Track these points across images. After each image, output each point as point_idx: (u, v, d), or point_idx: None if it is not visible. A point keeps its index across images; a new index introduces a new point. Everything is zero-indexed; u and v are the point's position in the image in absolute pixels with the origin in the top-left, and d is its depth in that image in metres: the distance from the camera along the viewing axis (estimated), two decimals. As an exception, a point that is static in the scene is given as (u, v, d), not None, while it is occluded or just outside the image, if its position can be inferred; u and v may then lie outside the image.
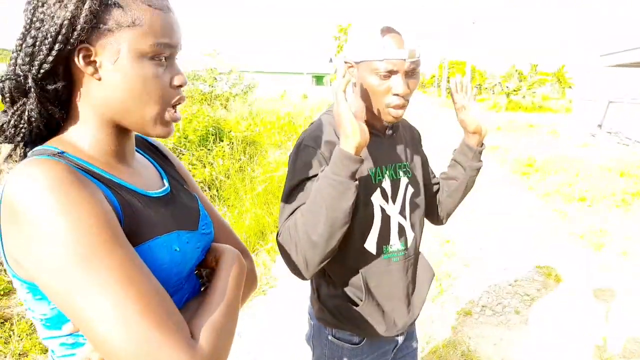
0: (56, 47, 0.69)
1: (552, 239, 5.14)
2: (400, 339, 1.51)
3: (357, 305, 1.36)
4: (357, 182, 1.10)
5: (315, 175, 1.22)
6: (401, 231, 1.39)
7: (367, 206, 1.31)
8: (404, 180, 1.40)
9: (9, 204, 0.62)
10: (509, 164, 9.58)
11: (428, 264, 1.54)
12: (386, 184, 1.36)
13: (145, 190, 0.80)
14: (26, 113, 0.74)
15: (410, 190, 1.42)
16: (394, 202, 1.37)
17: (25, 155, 0.76)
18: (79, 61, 0.71)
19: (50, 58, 0.69)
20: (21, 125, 0.74)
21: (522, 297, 3.78)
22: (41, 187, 0.61)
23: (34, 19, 0.69)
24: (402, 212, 1.39)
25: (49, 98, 0.74)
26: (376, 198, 1.33)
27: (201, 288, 0.90)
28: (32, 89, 0.71)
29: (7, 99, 0.73)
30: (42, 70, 0.70)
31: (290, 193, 1.24)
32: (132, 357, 0.59)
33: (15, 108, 0.74)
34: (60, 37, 0.68)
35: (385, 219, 1.35)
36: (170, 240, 0.76)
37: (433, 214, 1.65)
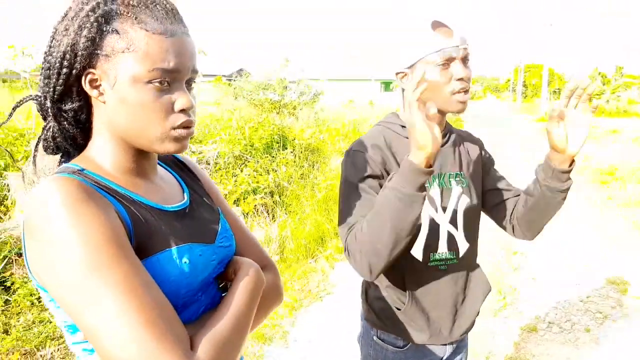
0: (63, 71, 0.74)
1: (630, 253, 4.77)
2: (449, 349, 1.47)
3: (400, 309, 1.38)
4: (425, 193, 1.09)
5: (368, 177, 1.26)
6: (451, 240, 1.37)
7: None
8: (456, 190, 1.38)
9: (28, 218, 0.68)
10: (588, 171, 9.01)
11: (485, 278, 1.49)
12: (434, 192, 1.35)
13: (161, 204, 0.83)
14: (50, 131, 0.81)
15: (465, 200, 1.39)
16: (443, 210, 1.36)
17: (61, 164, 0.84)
18: (85, 85, 0.76)
19: (61, 81, 0.75)
20: (49, 141, 0.82)
21: (593, 314, 3.54)
22: (54, 203, 0.66)
23: (50, 45, 0.76)
24: (453, 222, 1.37)
25: (67, 118, 0.80)
26: (424, 205, 1.32)
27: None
28: (49, 109, 0.78)
29: (41, 117, 0.81)
30: (56, 93, 0.76)
31: (345, 196, 1.28)
32: None
33: (44, 125, 0.82)
34: (65, 62, 0.74)
35: (434, 227, 1.35)
36: (181, 252, 0.78)
37: (505, 224, 1.51)
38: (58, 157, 0.88)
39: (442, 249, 1.37)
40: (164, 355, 0.63)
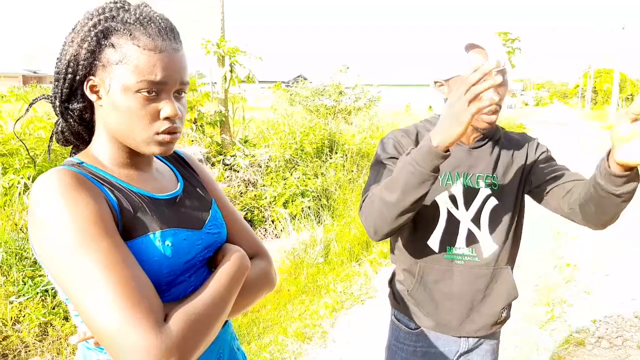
0: (68, 77, 0.87)
1: (699, 269, 4.45)
2: (464, 345, 1.51)
3: (409, 291, 1.49)
4: (437, 174, 1.13)
5: (393, 157, 1.39)
6: (471, 238, 1.43)
7: (430, 205, 1.41)
8: (484, 191, 1.42)
9: (30, 203, 0.80)
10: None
11: (513, 283, 1.48)
12: (456, 189, 1.42)
13: (152, 193, 0.93)
14: (60, 126, 0.96)
15: (493, 202, 1.42)
16: (466, 208, 1.42)
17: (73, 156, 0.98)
18: (86, 90, 0.87)
19: (66, 85, 0.88)
20: (59, 135, 0.97)
21: (649, 331, 3.34)
22: (48, 190, 0.78)
23: (60, 53, 0.88)
24: (475, 221, 1.42)
25: (73, 116, 0.93)
26: (442, 200, 1.42)
27: None
28: (57, 108, 0.92)
29: (54, 114, 0.95)
30: (63, 94, 0.89)
31: (372, 170, 1.44)
32: (107, 333, 0.71)
33: (55, 121, 0.96)
34: (70, 69, 0.86)
35: (453, 222, 1.42)
36: (164, 236, 0.87)
37: (562, 207, 1.38)
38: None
39: (460, 244, 1.43)
40: (137, 323, 0.70)
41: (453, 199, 1.42)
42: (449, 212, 1.42)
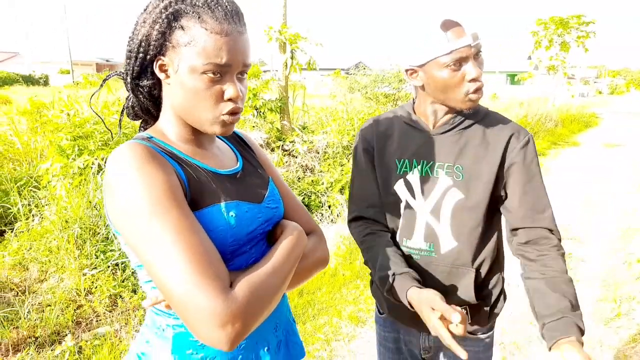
0: (139, 56, 0.91)
1: None
2: (426, 341, 1.46)
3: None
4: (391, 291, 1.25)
5: (366, 167, 1.45)
6: (429, 232, 1.34)
7: (390, 194, 1.39)
8: (444, 181, 1.31)
9: (105, 176, 0.86)
10: None
11: (471, 291, 1.33)
12: (412, 177, 1.35)
13: (215, 168, 0.98)
14: (130, 101, 1.02)
15: (455, 194, 1.30)
16: (424, 199, 1.34)
17: (142, 130, 1.07)
18: (156, 68, 0.92)
19: (137, 63, 0.92)
20: (129, 110, 1.03)
21: None
22: (124, 163, 0.83)
23: (132, 32, 0.93)
24: (435, 213, 1.33)
25: (143, 93, 0.98)
26: (400, 189, 1.37)
27: None
28: (128, 84, 0.97)
29: (125, 90, 1.00)
30: (134, 72, 0.94)
31: (352, 182, 1.51)
32: (177, 296, 0.75)
33: (127, 96, 1.02)
34: (141, 49, 0.91)
35: (410, 212, 1.36)
36: (229, 207, 0.92)
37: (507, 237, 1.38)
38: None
39: (418, 238, 1.35)
40: (205, 287, 0.75)
41: (410, 187, 1.35)
42: (406, 203, 1.36)
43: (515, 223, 1.31)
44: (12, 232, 4.01)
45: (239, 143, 1.17)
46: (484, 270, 1.36)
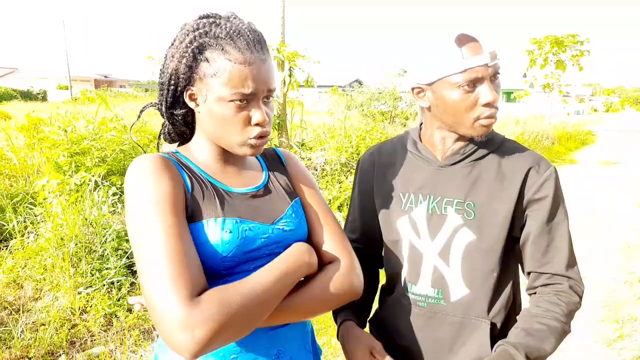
0: (170, 88, 0.98)
1: None
2: None
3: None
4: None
5: (362, 194, 1.36)
6: (437, 277, 1.18)
7: (392, 232, 1.25)
8: (453, 220, 1.15)
9: (124, 183, 0.93)
10: None
11: (486, 341, 1.15)
12: (418, 215, 1.20)
13: (229, 187, 1.02)
14: (166, 127, 1.10)
15: (466, 235, 1.14)
16: (431, 239, 1.18)
17: None
18: (186, 98, 0.98)
19: (170, 94, 0.99)
20: (166, 135, 1.12)
21: None
22: (134, 170, 0.91)
23: (162, 67, 1.00)
24: (444, 256, 1.17)
25: (177, 120, 1.06)
26: (403, 227, 1.22)
27: None
28: (164, 113, 1.04)
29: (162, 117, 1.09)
30: (167, 103, 1.01)
31: (350, 207, 1.43)
32: (148, 297, 0.80)
33: (162, 123, 1.10)
34: (172, 81, 0.97)
35: (415, 254, 1.21)
36: (225, 223, 0.93)
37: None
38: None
39: (424, 283, 1.19)
40: (173, 292, 0.78)
41: (414, 226, 1.20)
42: (410, 243, 1.20)
43: (527, 266, 1.18)
44: (6, 249, 3.96)
45: (275, 161, 1.17)
46: (499, 321, 1.18)
